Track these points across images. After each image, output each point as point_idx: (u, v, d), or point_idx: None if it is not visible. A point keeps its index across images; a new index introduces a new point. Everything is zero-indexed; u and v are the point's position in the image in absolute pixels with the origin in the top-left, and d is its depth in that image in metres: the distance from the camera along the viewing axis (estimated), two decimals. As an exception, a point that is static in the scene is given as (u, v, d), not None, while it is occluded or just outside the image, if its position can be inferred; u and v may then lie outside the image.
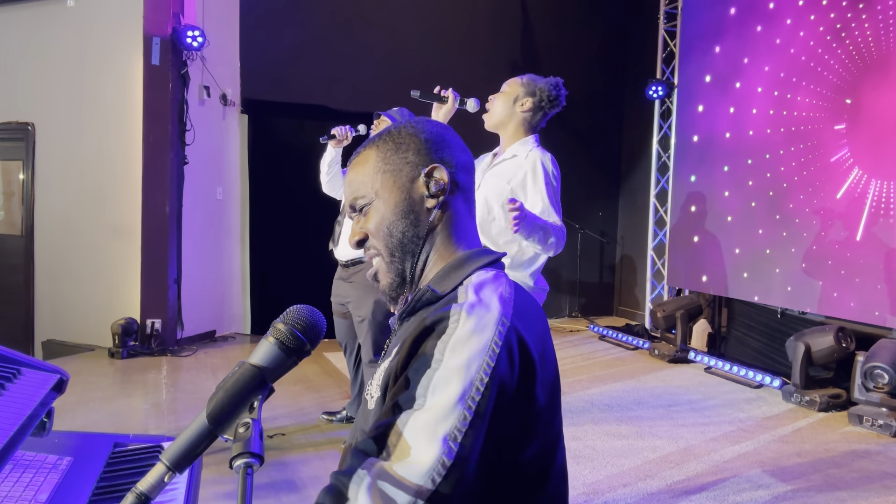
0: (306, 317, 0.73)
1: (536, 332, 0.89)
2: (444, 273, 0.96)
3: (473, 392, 0.75)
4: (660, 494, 3.02)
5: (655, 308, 6.01)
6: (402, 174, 0.99)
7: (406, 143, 1.00)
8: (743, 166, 5.54)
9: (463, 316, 0.82)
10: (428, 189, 0.98)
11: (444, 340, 0.79)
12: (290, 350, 0.72)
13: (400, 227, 0.98)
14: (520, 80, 2.52)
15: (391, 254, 0.99)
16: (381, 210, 0.99)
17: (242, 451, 0.65)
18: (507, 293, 0.89)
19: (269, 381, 0.71)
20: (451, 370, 0.76)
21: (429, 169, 0.98)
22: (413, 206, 0.98)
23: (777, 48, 5.21)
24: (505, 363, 0.79)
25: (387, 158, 1.00)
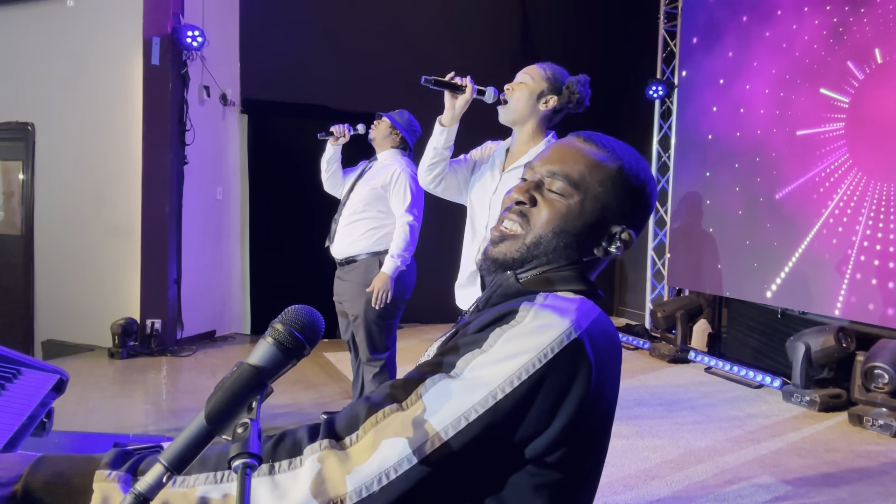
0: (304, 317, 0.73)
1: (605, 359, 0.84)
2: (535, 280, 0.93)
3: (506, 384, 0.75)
4: (660, 494, 3.02)
5: (655, 308, 6.01)
6: (611, 208, 0.94)
7: (634, 192, 0.96)
8: (743, 166, 5.54)
9: (531, 314, 0.80)
10: (607, 244, 0.94)
11: (503, 329, 0.79)
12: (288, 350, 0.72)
13: (565, 240, 0.93)
14: (543, 72, 2.28)
15: (536, 244, 0.93)
16: (573, 210, 0.93)
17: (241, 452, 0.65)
18: (590, 310, 0.85)
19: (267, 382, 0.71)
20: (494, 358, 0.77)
21: (622, 231, 0.94)
22: (587, 239, 0.94)
23: (777, 48, 5.21)
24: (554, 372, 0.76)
25: (617, 186, 0.95)
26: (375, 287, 3.26)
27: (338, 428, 0.76)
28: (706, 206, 6.02)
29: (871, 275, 4.38)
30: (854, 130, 4.55)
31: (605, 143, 0.99)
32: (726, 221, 5.74)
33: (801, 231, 4.94)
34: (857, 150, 4.54)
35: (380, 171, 3.42)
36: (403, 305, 3.45)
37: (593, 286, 0.95)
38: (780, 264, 5.11)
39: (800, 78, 4.99)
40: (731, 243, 5.67)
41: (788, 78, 5.09)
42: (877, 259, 4.35)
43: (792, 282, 4.99)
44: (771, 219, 5.23)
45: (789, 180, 5.07)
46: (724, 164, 5.78)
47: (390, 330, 3.42)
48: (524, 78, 2.29)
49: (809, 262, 4.85)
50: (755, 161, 5.41)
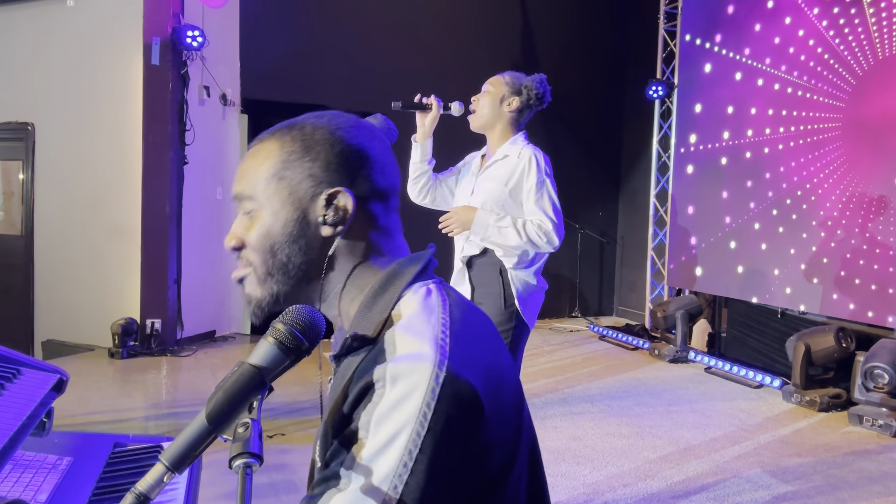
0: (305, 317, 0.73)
1: (482, 361, 0.77)
2: (365, 306, 0.82)
3: (400, 470, 0.67)
4: (660, 494, 3.02)
5: (655, 308, 6.01)
6: (301, 188, 0.83)
7: (316, 150, 0.84)
8: (743, 167, 5.54)
9: (388, 379, 0.70)
10: (325, 216, 0.83)
11: (369, 412, 0.69)
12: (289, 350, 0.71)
13: (286, 251, 0.83)
14: (503, 79, 2.48)
15: (268, 273, 0.85)
16: (267, 223, 0.84)
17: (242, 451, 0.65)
18: (442, 324, 0.76)
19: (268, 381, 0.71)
20: (375, 449, 0.68)
21: (331, 193, 0.83)
22: (305, 231, 0.83)
23: (777, 47, 5.21)
24: (442, 427, 0.68)
25: (289, 162, 0.84)
26: None
27: None
28: (706, 206, 6.02)
29: (871, 275, 4.38)
30: (853, 130, 4.55)
31: (282, 128, 0.88)
32: (726, 221, 5.74)
33: (800, 231, 4.94)
34: (858, 150, 4.54)
35: None
36: None
37: (412, 258, 0.86)
38: (780, 264, 5.11)
39: (799, 77, 4.99)
40: (731, 243, 5.67)
41: (788, 77, 5.09)
42: (877, 259, 4.36)
43: (792, 282, 4.99)
44: (771, 219, 5.23)
45: (789, 180, 5.07)
46: (724, 165, 5.78)
47: None
48: (487, 88, 2.50)
49: (809, 262, 4.85)
50: (755, 161, 5.41)
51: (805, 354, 4.36)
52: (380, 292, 0.82)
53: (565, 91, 6.39)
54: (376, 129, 0.90)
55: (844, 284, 4.57)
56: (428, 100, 2.49)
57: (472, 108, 2.50)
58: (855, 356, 4.22)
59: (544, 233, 2.32)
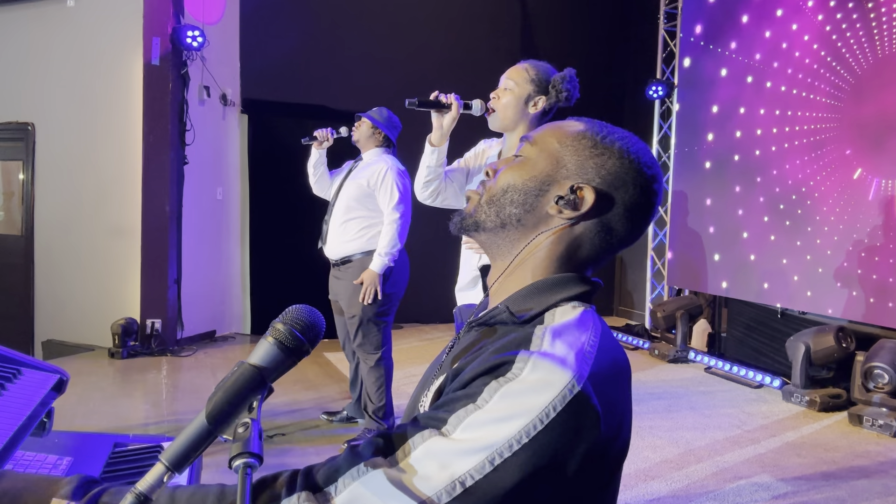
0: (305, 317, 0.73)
1: (615, 396, 0.78)
2: (527, 293, 0.86)
3: (504, 448, 0.68)
4: (660, 494, 3.02)
5: (655, 308, 6.01)
6: (558, 166, 0.89)
7: (594, 150, 0.89)
8: (743, 166, 5.54)
9: (529, 366, 0.72)
10: (560, 195, 0.87)
11: (500, 383, 0.71)
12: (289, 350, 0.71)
13: (509, 196, 0.89)
14: (527, 74, 2.24)
15: (489, 202, 0.91)
16: (519, 168, 0.90)
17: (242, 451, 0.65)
18: (590, 345, 0.78)
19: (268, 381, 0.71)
20: (490, 417, 0.70)
21: (577, 185, 0.86)
22: (539, 195, 0.88)
23: (777, 47, 5.21)
24: (557, 433, 0.70)
25: (574, 147, 0.89)
26: (364, 282, 3.35)
27: (317, 478, 0.71)
28: (706, 206, 6.02)
29: (872, 275, 4.38)
30: (856, 130, 4.55)
31: (591, 122, 0.94)
32: (726, 221, 5.74)
33: (801, 231, 4.94)
34: (858, 150, 4.54)
35: (365, 169, 3.50)
36: (398, 302, 3.53)
37: (588, 282, 0.89)
38: (780, 264, 5.11)
39: (800, 78, 4.99)
40: (731, 243, 5.67)
41: (788, 77, 5.09)
42: (877, 259, 4.35)
43: (792, 282, 4.99)
44: (772, 218, 5.23)
45: (790, 180, 5.07)
46: (724, 164, 5.78)
47: (386, 327, 3.50)
48: (508, 84, 2.25)
49: (809, 262, 4.85)
50: (755, 160, 5.41)
51: (805, 354, 4.36)
52: (548, 288, 0.86)
53: (565, 91, 6.38)
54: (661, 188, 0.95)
55: (845, 284, 4.57)
56: (447, 98, 2.24)
57: (492, 107, 2.25)
58: (855, 356, 4.22)
59: None
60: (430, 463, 0.69)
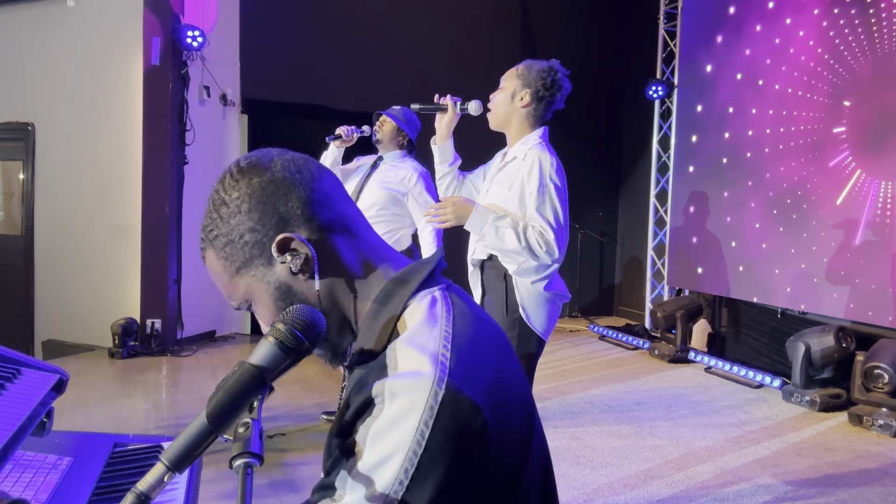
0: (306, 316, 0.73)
1: (487, 375, 0.75)
2: (371, 318, 0.81)
3: (395, 488, 0.67)
4: (660, 494, 3.02)
5: (655, 308, 6.01)
6: (254, 264, 0.81)
7: (233, 213, 0.80)
8: (743, 166, 5.54)
9: (387, 396, 0.69)
10: (292, 267, 0.80)
11: (367, 426, 0.69)
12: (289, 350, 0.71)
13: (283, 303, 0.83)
14: (515, 71, 2.35)
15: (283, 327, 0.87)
16: (263, 312, 0.84)
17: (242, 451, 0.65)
18: (445, 337, 0.75)
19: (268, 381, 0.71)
20: (370, 464, 0.68)
21: (277, 243, 0.79)
22: (290, 292, 0.82)
23: (777, 48, 5.21)
24: (440, 445, 0.68)
25: (227, 254, 0.82)
26: None
27: None
28: (706, 206, 6.02)
29: (872, 275, 4.38)
30: (856, 130, 4.55)
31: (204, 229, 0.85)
32: (726, 221, 5.74)
33: (801, 230, 4.94)
34: (859, 151, 4.54)
35: (392, 172, 3.42)
36: None
37: (402, 268, 0.84)
38: (780, 264, 5.11)
39: (800, 78, 4.99)
40: (730, 243, 5.67)
41: (788, 77, 5.09)
42: (878, 259, 4.35)
43: (792, 281, 4.99)
44: (771, 218, 5.23)
45: (789, 179, 5.07)
46: (724, 164, 5.78)
47: None
48: (502, 83, 2.37)
49: (809, 262, 4.85)
50: (755, 160, 5.41)
51: (805, 354, 4.36)
52: (385, 301, 0.81)
53: (565, 91, 6.39)
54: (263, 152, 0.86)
55: (844, 284, 4.57)
56: (444, 100, 2.39)
57: (490, 107, 2.38)
58: (855, 356, 4.22)
59: (545, 242, 2.16)
60: None
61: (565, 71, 2.35)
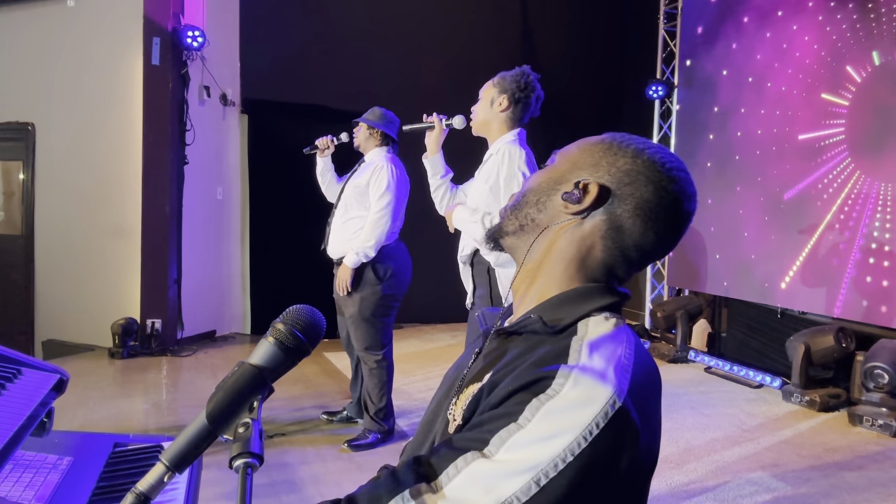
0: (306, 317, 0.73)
1: (650, 411, 0.78)
2: (557, 302, 0.85)
3: (549, 468, 0.67)
4: (660, 494, 3.02)
5: (655, 308, 6.00)
6: (578, 167, 0.90)
7: (618, 153, 0.89)
8: (744, 166, 5.54)
9: (570, 382, 0.71)
10: (565, 195, 0.87)
11: (541, 401, 0.70)
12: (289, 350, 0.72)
13: (531, 199, 0.91)
14: (492, 82, 2.55)
15: (514, 206, 0.93)
16: (542, 176, 0.93)
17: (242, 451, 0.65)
18: (627, 358, 0.77)
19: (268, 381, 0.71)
20: (534, 436, 0.69)
21: (583, 181, 0.86)
22: (551, 195, 0.89)
23: (778, 49, 5.21)
24: (601, 449, 0.69)
25: (593, 150, 0.90)
26: (338, 277, 3.41)
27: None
28: (706, 206, 6.02)
29: (872, 275, 4.38)
30: (855, 132, 4.55)
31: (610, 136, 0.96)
32: (726, 221, 5.74)
33: (801, 231, 4.94)
34: (858, 152, 4.54)
35: (365, 169, 3.53)
36: (398, 303, 3.53)
37: (616, 293, 0.87)
38: (780, 264, 5.11)
39: (800, 79, 4.99)
40: (731, 243, 5.67)
41: (789, 79, 5.09)
42: (877, 260, 4.36)
43: (792, 282, 5.00)
44: (771, 218, 5.23)
45: (790, 181, 5.07)
46: (724, 165, 5.78)
47: (386, 327, 3.50)
48: (481, 95, 2.57)
49: (809, 262, 4.85)
50: (755, 160, 5.41)
51: (805, 354, 4.36)
52: (580, 297, 0.84)
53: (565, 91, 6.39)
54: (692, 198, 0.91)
55: (845, 284, 4.57)
56: (430, 119, 2.60)
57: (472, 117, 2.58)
58: (855, 356, 4.22)
59: None
60: (474, 487, 0.68)
61: (536, 75, 2.57)
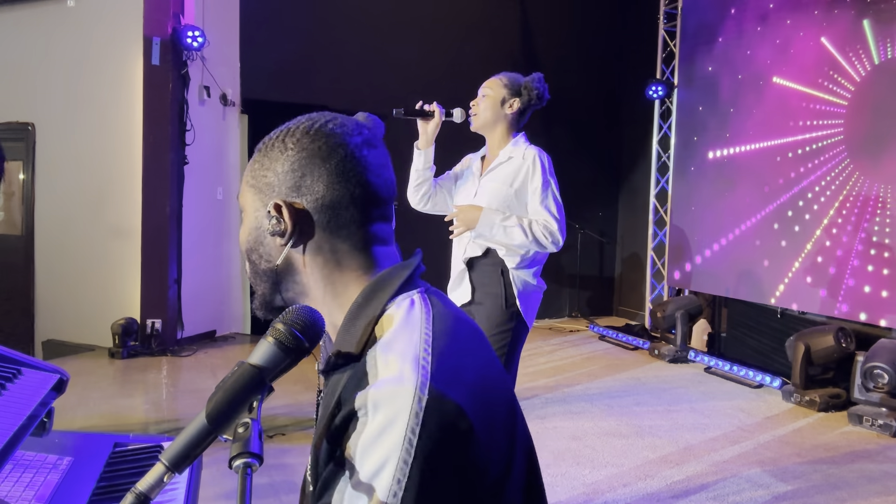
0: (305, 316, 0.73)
1: (469, 376, 0.75)
2: (349, 320, 0.81)
3: (390, 499, 0.65)
4: (660, 494, 3.02)
5: (655, 308, 6.00)
6: (263, 195, 0.83)
7: (275, 156, 0.83)
8: (743, 166, 5.54)
9: (370, 406, 0.68)
10: (270, 227, 0.82)
11: (354, 441, 0.68)
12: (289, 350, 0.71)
13: (252, 257, 0.87)
14: (501, 81, 2.50)
15: (253, 274, 0.89)
16: (244, 227, 0.87)
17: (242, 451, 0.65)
18: (425, 340, 0.74)
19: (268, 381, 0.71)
20: (364, 477, 0.67)
21: (272, 205, 0.81)
22: (261, 240, 0.85)
23: (777, 48, 5.21)
24: (429, 452, 0.67)
25: (254, 171, 0.85)
26: None
27: None
28: (706, 206, 6.02)
29: (871, 275, 4.38)
30: (855, 132, 4.55)
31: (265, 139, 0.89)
32: (726, 221, 5.74)
33: (800, 230, 4.94)
34: (858, 153, 4.54)
35: None
36: None
37: (394, 268, 0.83)
38: (780, 264, 5.11)
39: (800, 78, 4.99)
40: (731, 243, 5.67)
41: (788, 78, 5.09)
42: (877, 260, 4.36)
43: (792, 281, 5.00)
44: (769, 218, 5.23)
45: (790, 181, 5.07)
46: (724, 164, 5.78)
47: None
48: (486, 91, 2.51)
49: (809, 262, 4.86)
50: (755, 160, 5.41)
51: (805, 354, 4.36)
52: (363, 305, 0.81)
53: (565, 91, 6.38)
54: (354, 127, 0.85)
55: (844, 285, 4.57)
56: (430, 107, 2.49)
57: (472, 112, 2.52)
58: (854, 356, 4.22)
59: (549, 233, 2.36)
60: None
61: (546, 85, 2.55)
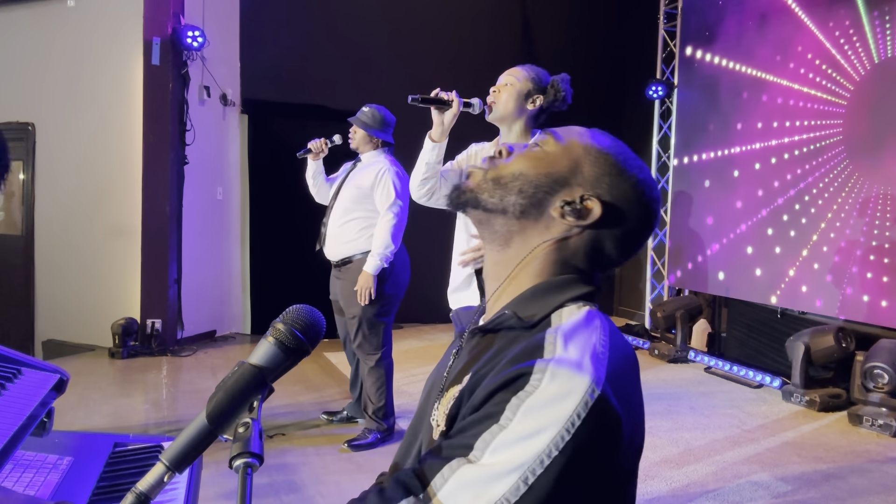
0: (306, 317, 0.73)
1: (629, 395, 0.78)
2: (530, 295, 0.85)
3: (535, 465, 0.67)
4: (660, 494, 3.02)
5: (655, 308, 6.00)
6: (581, 174, 0.87)
7: (622, 175, 0.88)
8: (743, 167, 5.54)
9: (547, 376, 0.71)
10: (563, 210, 0.85)
11: (520, 398, 0.70)
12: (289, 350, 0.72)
13: (518, 183, 0.86)
14: (527, 73, 2.35)
15: (494, 181, 0.88)
16: (536, 157, 0.88)
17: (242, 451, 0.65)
18: (602, 346, 0.77)
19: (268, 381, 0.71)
20: (517, 435, 0.68)
21: (587, 195, 0.85)
22: (541, 191, 0.86)
23: (778, 48, 5.21)
24: (584, 440, 0.69)
25: (599, 160, 0.88)
26: (360, 285, 3.35)
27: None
28: (706, 206, 6.02)
29: (871, 275, 4.38)
30: (854, 133, 4.55)
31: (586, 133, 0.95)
32: (726, 221, 5.74)
33: (800, 230, 4.94)
34: (857, 153, 4.54)
35: (364, 170, 3.52)
36: (398, 302, 3.54)
37: (590, 283, 0.88)
38: (780, 264, 5.11)
39: (800, 78, 4.99)
40: (731, 243, 5.67)
41: (788, 78, 5.09)
42: (877, 260, 4.36)
43: (792, 281, 5.00)
44: (771, 219, 5.23)
45: (790, 181, 5.07)
46: (724, 165, 5.78)
47: (386, 327, 3.51)
48: (509, 80, 2.36)
49: (809, 262, 4.85)
50: (756, 161, 5.41)
51: (805, 354, 4.36)
52: (552, 290, 0.84)
53: (565, 91, 6.38)
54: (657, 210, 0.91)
55: (844, 285, 4.57)
56: (448, 95, 2.29)
57: (490, 100, 2.36)
58: (855, 356, 4.22)
59: None
60: (463, 494, 0.68)
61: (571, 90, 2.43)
